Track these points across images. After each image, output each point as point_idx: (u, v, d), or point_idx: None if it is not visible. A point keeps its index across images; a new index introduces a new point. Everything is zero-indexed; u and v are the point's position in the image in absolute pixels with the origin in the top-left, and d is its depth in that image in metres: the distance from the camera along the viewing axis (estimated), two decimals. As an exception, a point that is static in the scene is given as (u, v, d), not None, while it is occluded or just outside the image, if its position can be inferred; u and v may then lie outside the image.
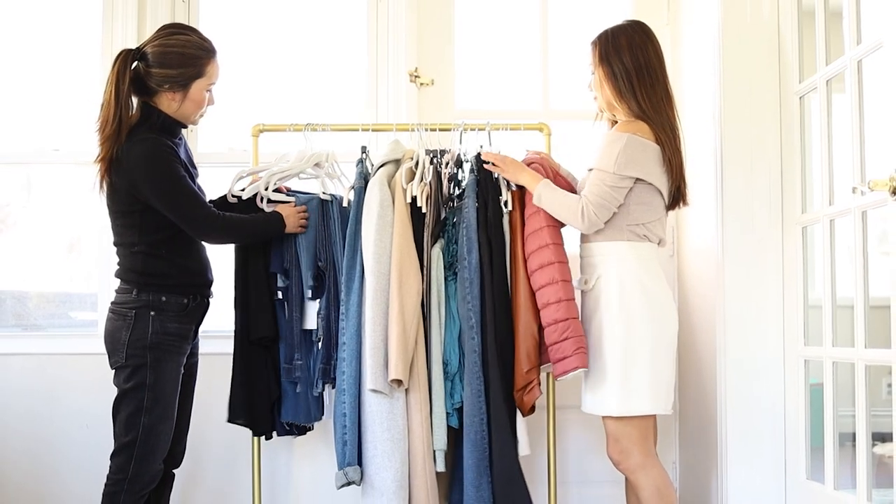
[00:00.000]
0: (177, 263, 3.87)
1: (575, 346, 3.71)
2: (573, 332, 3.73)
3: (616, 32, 3.84)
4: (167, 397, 3.78)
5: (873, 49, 3.38)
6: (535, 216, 3.86)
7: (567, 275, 3.83)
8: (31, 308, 4.98)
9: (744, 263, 4.12)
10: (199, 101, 3.89)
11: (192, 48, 3.84)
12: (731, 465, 4.10)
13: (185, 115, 3.92)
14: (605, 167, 3.68)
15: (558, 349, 3.74)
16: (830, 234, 3.76)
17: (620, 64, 3.76)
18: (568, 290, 3.80)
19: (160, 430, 3.77)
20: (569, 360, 3.71)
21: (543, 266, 3.81)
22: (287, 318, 4.14)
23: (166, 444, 3.82)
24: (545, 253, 3.82)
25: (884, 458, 3.74)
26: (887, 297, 3.18)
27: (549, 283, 3.79)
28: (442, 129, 4.22)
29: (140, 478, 3.76)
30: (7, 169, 5.05)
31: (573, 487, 4.73)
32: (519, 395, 3.87)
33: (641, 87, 3.75)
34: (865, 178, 3.41)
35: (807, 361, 4.01)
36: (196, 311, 3.93)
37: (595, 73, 3.85)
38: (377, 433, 3.79)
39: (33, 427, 4.63)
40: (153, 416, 3.74)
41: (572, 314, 3.77)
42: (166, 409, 3.78)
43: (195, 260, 3.94)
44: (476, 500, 3.78)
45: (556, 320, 3.75)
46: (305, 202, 4.12)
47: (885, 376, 3.39)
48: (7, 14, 4.99)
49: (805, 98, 4.05)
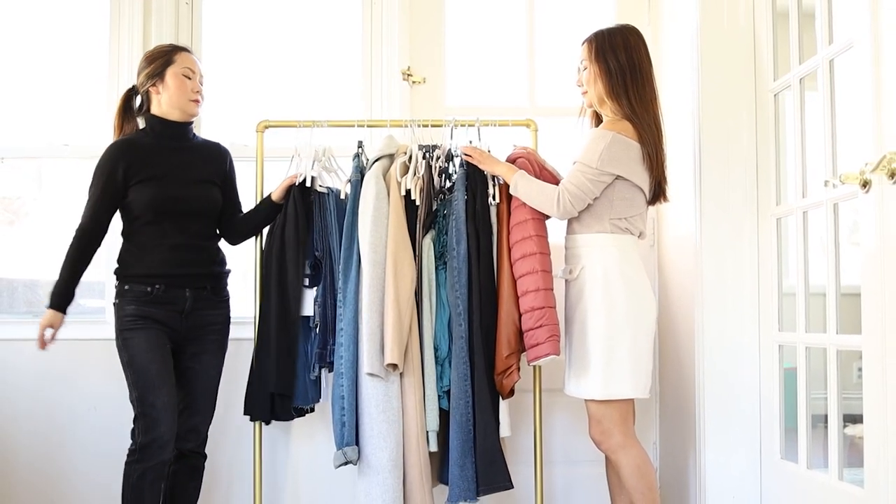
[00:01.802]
0: (134, 254, 4.00)
1: (548, 333, 3.74)
2: (547, 320, 3.76)
3: (612, 32, 3.86)
4: (145, 370, 3.84)
5: (844, 49, 3.36)
6: (520, 208, 3.88)
7: (547, 265, 3.85)
8: (42, 295, 4.96)
9: (721, 253, 4.09)
10: (178, 86, 4.06)
11: (158, 49, 4.16)
12: (709, 446, 4.08)
13: (177, 105, 4.08)
14: (588, 161, 3.68)
15: (532, 336, 3.78)
16: (803, 226, 3.74)
17: (616, 62, 3.78)
18: (547, 280, 3.82)
19: (152, 401, 3.82)
20: (541, 346, 3.74)
21: (525, 256, 3.83)
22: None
23: (166, 413, 3.84)
24: (528, 244, 3.83)
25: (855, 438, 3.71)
26: (858, 285, 3.14)
27: (529, 273, 3.81)
28: (434, 125, 4.21)
29: (148, 448, 3.81)
30: (19, 163, 5.04)
31: (558, 467, 4.72)
32: (499, 378, 3.88)
33: (633, 86, 3.78)
34: (837, 172, 3.39)
35: (781, 346, 3.99)
36: (165, 298, 3.95)
37: (588, 69, 3.86)
38: (373, 415, 3.80)
39: (44, 408, 4.63)
40: (139, 388, 3.85)
41: (549, 303, 3.79)
42: (149, 380, 3.84)
43: (156, 252, 3.97)
44: (461, 479, 3.79)
45: (533, 308, 3.78)
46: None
47: (856, 361, 3.35)
48: (19, 16, 4.96)
49: (779, 95, 4.02)
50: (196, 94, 4.11)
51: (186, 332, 4.01)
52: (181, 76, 4.06)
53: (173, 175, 4.01)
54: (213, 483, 4.64)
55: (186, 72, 4.09)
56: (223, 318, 4.15)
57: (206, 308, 4.06)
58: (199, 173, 4.11)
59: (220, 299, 4.15)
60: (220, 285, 4.15)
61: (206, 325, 4.07)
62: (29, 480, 4.62)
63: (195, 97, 4.11)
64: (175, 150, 4.09)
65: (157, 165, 4.00)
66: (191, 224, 4.04)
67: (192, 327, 4.02)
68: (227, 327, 4.17)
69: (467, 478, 3.78)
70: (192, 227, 4.04)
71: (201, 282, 4.04)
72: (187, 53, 4.15)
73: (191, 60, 4.14)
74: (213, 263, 4.12)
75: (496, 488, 3.82)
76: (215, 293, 4.11)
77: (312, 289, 4.16)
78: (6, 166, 5.02)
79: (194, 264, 4.03)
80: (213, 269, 4.11)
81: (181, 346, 4.03)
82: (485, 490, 3.81)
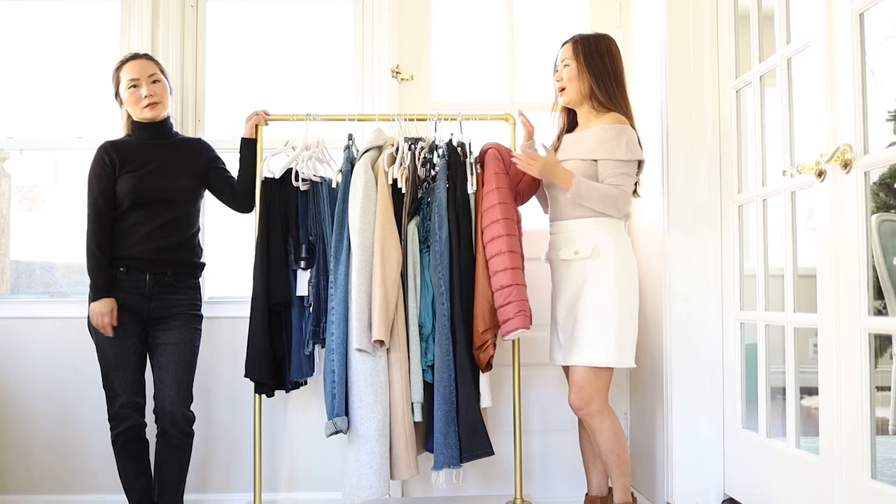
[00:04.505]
0: (112, 240, 4.01)
1: (517, 309, 3.74)
2: (515, 296, 3.75)
3: (597, 38, 3.90)
4: (106, 353, 3.98)
5: (801, 49, 3.36)
6: (489, 194, 3.88)
7: (514, 246, 3.83)
8: (58, 277, 4.99)
9: (686, 238, 4.08)
10: (129, 99, 4.09)
11: (114, 67, 4.17)
12: (676, 416, 4.06)
13: (136, 115, 4.11)
14: (619, 157, 3.72)
15: (503, 312, 3.79)
16: (763, 212, 3.74)
17: (602, 65, 3.83)
18: (514, 260, 3.81)
19: (111, 381, 3.97)
20: (511, 321, 3.74)
21: (494, 238, 3.83)
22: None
23: (123, 392, 3.96)
24: (496, 227, 3.82)
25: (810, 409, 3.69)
26: (813, 267, 3.17)
27: (497, 254, 3.81)
28: (419, 119, 4.19)
29: (114, 418, 3.99)
30: (37, 154, 5.06)
31: (536, 436, 4.67)
32: (476, 353, 3.88)
33: (618, 88, 3.85)
34: (794, 163, 3.40)
35: (742, 324, 3.98)
36: (127, 281, 3.98)
37: (570, 66, 3.85)
38: (362, 387, 3.78)
39: (59, 378, 4.65)
40: (102, 367, 3.99)
41: (517, 281, 3.78)
42: (108, 362, 3.97)
43: (127, 238, 3.99)
44: (444, 447, 3.78)
45: (502, 286, 3.79)
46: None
47: (812, 337, 3.33)
48: (37, 19, 4.94)
49: (741, 92, 4.01)
50: (147, 100, 4.05)
51: (151, 314, 3.99)
52: (128, 89, 4.06)
53: (153, 167, 4.03)
54: (215, 453, 4.65)
55: (132, 83, 4.05)
56: (188, 303, 4.09)
57: (168, 293, 4.02)
58: (178, 166, 4.09)
59: (184, 286, 4.08)
60: (183, 274, 4.08)
61: (171, 306, 4.02)
62: (47, 444, 4.64)
63: (146, 102, 4.05)
64: (156, 146, 4.10)
65: (138, 160, 4.03)
66: (166, 213, 4.01)
67: (156, 308, 4.00)
68: (193, 311, 4.11)
69: (451, 445, 3.78)
70: (167, 217, 4.01)
71: (161, 268, 4.00)
72: (133, 62, 4.10)
73: (135, 68, 4.08)
74: (179, 253, 4.06)
75: (478, 455, 3.81)
76: (178, 280, 4.05)
77: (307, 271, 4.12)
78: (25, 157, 5.07)
79: (158, 251, 3.99)
80: (177, 257, 4.05)
81: (150, 324, 4.02)
82: (468, 457, 3.80)
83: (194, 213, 4.15)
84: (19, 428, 4.63)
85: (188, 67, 4.80)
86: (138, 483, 4.02)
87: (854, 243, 2.91)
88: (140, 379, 4.00)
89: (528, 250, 4.09)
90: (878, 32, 3.09)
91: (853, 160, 2.90)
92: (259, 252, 4.04)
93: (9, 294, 4.96)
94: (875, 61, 3.52)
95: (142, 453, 4.04)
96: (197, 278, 4.17)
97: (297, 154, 4.14)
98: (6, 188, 5.05)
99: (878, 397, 2.93)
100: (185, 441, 4.05)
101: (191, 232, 4.12)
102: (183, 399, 4.00)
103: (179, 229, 4.06)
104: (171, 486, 4.05)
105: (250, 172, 4.17)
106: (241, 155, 4.20)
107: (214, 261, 4.22)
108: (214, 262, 4.23)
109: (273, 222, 4.08)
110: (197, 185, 4.15)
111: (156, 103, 4.07)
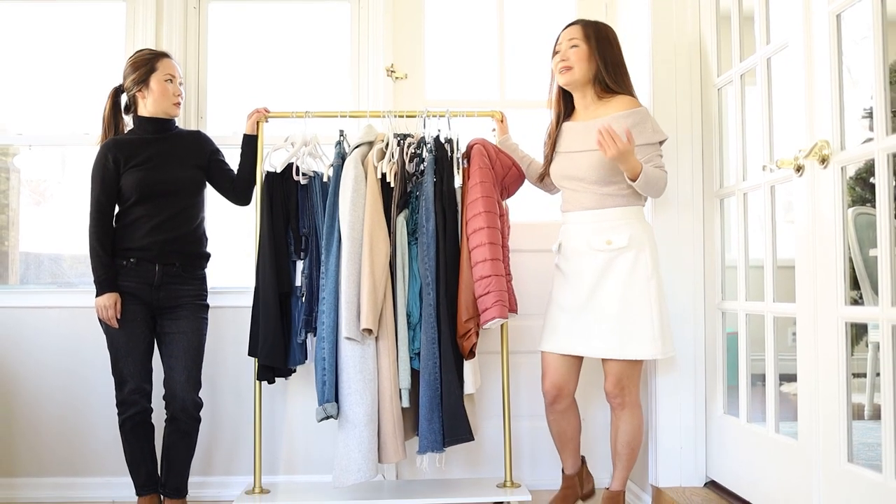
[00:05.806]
0: (119, 233, 4.00)
1: (495, 298, 3.69)
2: (494, 286, 3.70)
3: (605, 26, 3.80)
4: (116, 340, 3.95)
5: (780, 49, 3.36)
6: (473, 188, 3.85)
7: (495, 238, 3.77)
8: (65, 268, 4.95)
9: (670, 230, 4.06)
10: (161, 91, 4.08)
11: (141, 56, 4.13)
12: (660, 402, 4.04)
13: (161, 108, 4.11)
14: (650, 140, 3.64)
15: (482, 302, 3.74)
16: (744, 205, 3.74)
17: (611, 51, 3.74)
18: (494, 252, 3.75)
19: (121, 368, 3.94)
20: (489, 311, 3.70)
21: (476, 231, 3.78)
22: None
23: (132, 378, 3.94)
24: (478, 220, 3.78)
25: (789, 395, 3.71)
26: (792, 258, 3.17)
27: (478, 245, 3.76)
28: (409, 115, 4.16)
29: (122, 403, 3.97)
30: (45, 150, 5.02)
31: (524, 420, 4.63)
32: (460, 340, 3.83)
33: (625, 75, 3.77)
34: (774, 158, 3.41)
35: (724, 313, 3.98)
36: (137, 271, 3.96)
37: (581, 47, 3.70)
38: (351, 374, 3.75)
39: (67, 366, 4.64)
40: (112, 355, 3.96)
41: (496, 272, 3.72)
42: (118, 349, 3.95)
43: (136, 229, 3.97)
44: (429, 432, 3.76)
45: (482, 276, 3.74)
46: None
47: (791, 326, 3.34)
48: (46, 20, 4.92)
49: (723, 90, 4.00)
50: (177, 97, 4.14)
51: (159, 303, 3.97)
52: (163, 81, 4.08)
53: (157, 160, 4.01)
54: (219, 437, 4.64)
55: (168, 77, 4.10)
56: (195, 293, 4.07)
57: (177, 283, 4.00)
58: (181, 158, 4.08)
59: (192, 277, 4.06)
60: (191, 264, 4.06)
61: (179, 296, 4.01)
62: (55, 428, 4.62)
63: (176, 100, 4.13)
64: (158, 140, 4.09)
65: (142, 154, 4.01)
66: (172, 205, 3.99)
67: (165, 298, 3.98)
68: (200, 300, 4.09)
69: (434, 430, 3.76)
70: (173, 208, 3.99)
71: (170, 258, 3.98)
72: (169, 59, 4.14)
73: (172, 66, 4.13)
74: (187, 244, 4.04)
75: (459, 440, 3.76)
76: (185, 271, 4.03)
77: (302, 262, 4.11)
78: (34, 153, 5.03)
79: (167, 242, 3.97)
80: (185, 248, 4.03)
81: (159, 313, 4.01)
82: (449, 442, 3.76)
83: (199, 204, 4.13)
84: (29, 413, 4.61)
85: (191, 66, 4.77)
86: (143, 466, 4.01)
87: (831, 236, 2.90)
88: (147, 366, 3.97)
89: (522, 242, 4.08)
90: (854, 33, 3.08)
91: (830, 156, 2.91)
92: (265, 243, 4.01)
93: (18, 284, 4.93)
94: (852, 60, 3.50)
95: (147, 437, 4.02)
96: (203, 269, 4.15)
97: (296, 150, 4.13)
98: (16, 183, 5.03)
99: (854, 384, 2.93)
100: (193, 426, 4.03)
101: (197, 222, 4.10)
102: (193, 386, 3.99)
103: (187, 220, 4.04)
104: (177, 468, 4.03)
105: (251, 167, 4.17)
106: (243, 150, 4.20)
107: (214, 252, 4.19)
108: (214, 253, 4.19)
109: (276, 215, 4.05)
110: (200, 176, 4.14)
111: (180, 104, 4.16)
